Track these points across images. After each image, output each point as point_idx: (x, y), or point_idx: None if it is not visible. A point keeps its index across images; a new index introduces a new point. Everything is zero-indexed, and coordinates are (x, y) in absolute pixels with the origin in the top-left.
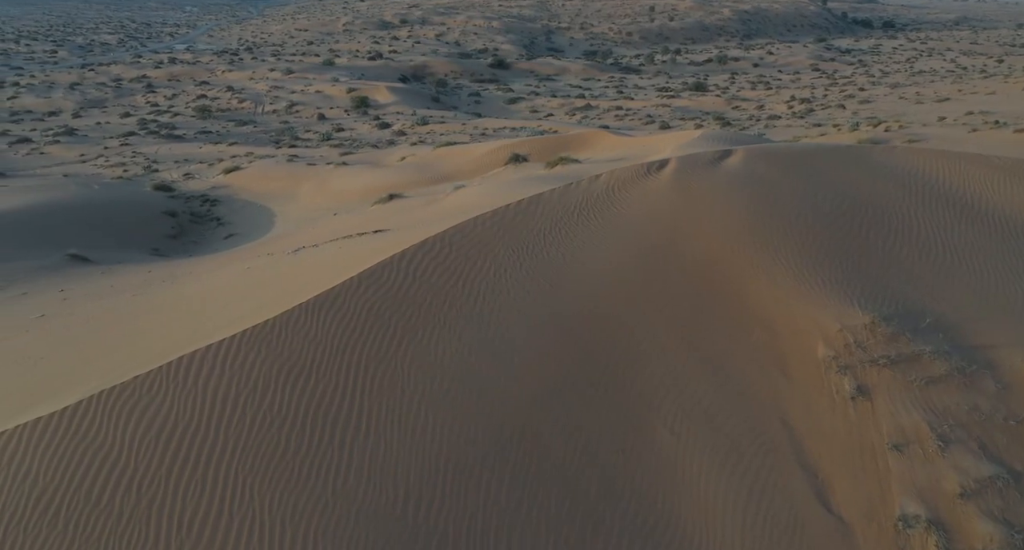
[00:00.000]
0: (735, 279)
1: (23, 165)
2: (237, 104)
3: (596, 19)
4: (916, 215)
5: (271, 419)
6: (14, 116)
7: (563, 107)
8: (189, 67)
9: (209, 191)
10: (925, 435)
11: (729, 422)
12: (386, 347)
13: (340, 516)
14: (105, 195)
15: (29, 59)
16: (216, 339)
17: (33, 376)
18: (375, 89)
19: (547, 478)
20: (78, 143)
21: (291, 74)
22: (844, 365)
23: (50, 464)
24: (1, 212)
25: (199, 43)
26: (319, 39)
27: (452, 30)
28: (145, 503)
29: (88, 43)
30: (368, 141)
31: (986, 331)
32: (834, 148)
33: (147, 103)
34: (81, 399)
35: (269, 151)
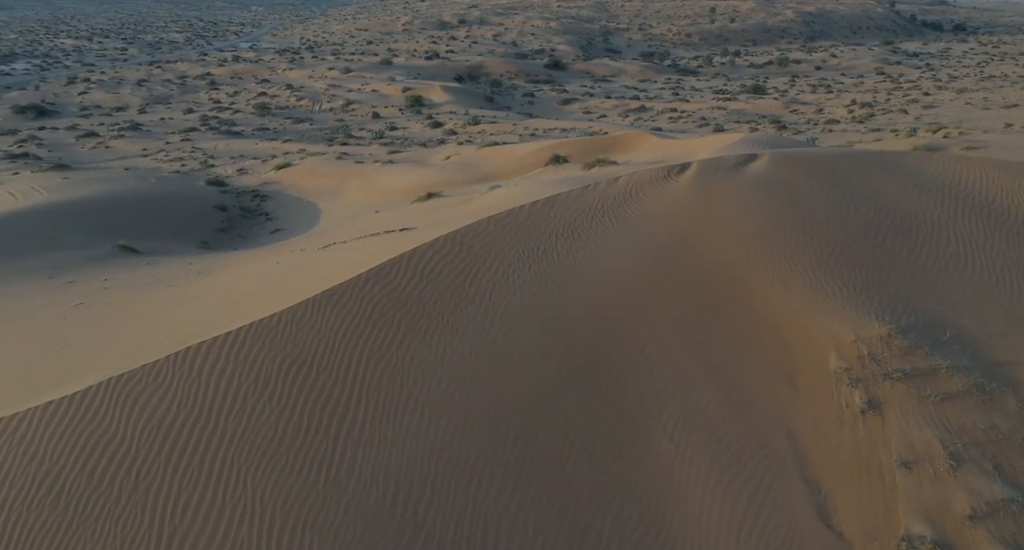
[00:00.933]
0: (748, 285)
1: (88, 158)
2: (296, 102)
3: (655, 20)
4: (948, 225)
5: (270, 411)
6: (84, 111)
7: (617, 108)
8: (251, 65)
9: (260, 187)
10: (937, 453)
11: (731, 431)
12: (388, 344)
13: (330, 509)
14: (160, 189)
15: (101, 56)
16: (223, 331)
17: (57, 361)
18: (430, 88)
19: (539, 480)
20: (142, 138)
21: (349, 73)
22: (856, 378)
23: (57, 446)
24: (61, 204)
25: (262, 42)
26: (378, 39)
27: (510, 30)
28: (143, 488)
29: (157, 41)
30: (419, 140)
31: (1011, 348)
32: (865, 154)
33: (210, 100)
34: (90, 385)
35: (321, 148)
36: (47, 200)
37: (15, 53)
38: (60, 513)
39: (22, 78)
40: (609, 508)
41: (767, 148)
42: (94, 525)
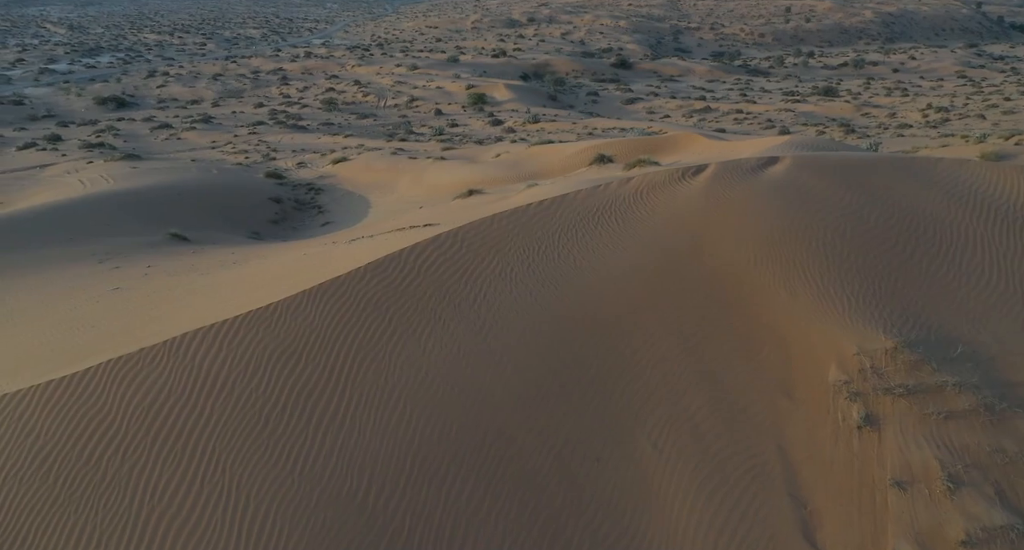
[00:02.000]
0: (752, 291)
1: (160, 149)
2: (362, 98)
3: (728, 19)
4: (977, 236)
5: (255, 399)
6: (161, 103)
7: (681, 109)
8: (322, 61)
9: (316, 180)
10: (934, 474)
11: (719, 441)
12: (378, 337)
13: (302, 499)
14: (220, 180)
15: (180, 50)
16: (220, 319)
17: (76, 342)
18: (493, 86)
19: (513, 483)
20: (212, 130)
21: (415, 70)
22: (855, 391)
23: (53, 423)
24: (122, 192)
25: (335, 38)
26: (447, 36)
27: (578, 29)
28: (128, 467)
29: (234, 37)
30: (478, 137)
31: None
32: (894, 160)
33: (280, 94)
34: (89, 367)
35: (379, 143)
36: (111, 188)
37: (101, 47)
38: (48, 488)
39: (106, 71)
40: (582, 514)
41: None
42: (79, 500)
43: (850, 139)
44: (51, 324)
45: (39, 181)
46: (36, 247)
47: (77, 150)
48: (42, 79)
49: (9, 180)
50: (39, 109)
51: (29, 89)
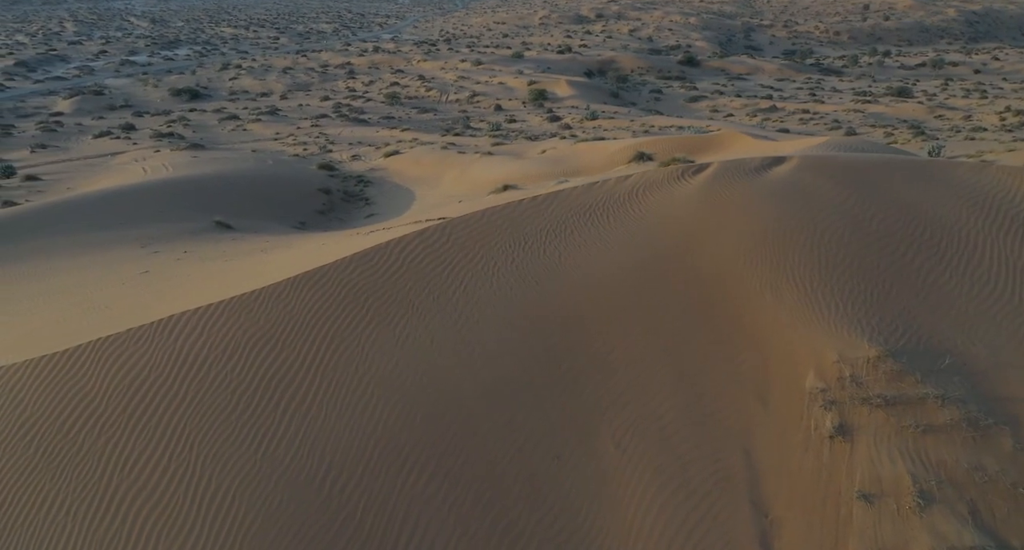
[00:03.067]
0: (738, 293)
1: (225, 139)
2: (424, 92)
3: (802, 17)
4: (985, 243)
5: (229, 381)
6: (232, 95)
7: (745, 108)
8: (389, 56)
9: (367, 172)
10: (905, 489)
11: (684, 444)
12: (355, 326)
13: (262, 479)
14: (273, 170)
15: (255, 44)
16: (206, 303)
17: (86, 321)
18: (555, 82)
19: (471, 474)
20: (277, 122)
21: (479, 65)
22: (831, 400)
23: (40, 396)
24: (178, 180)
25: (404, 33)
26: (514, 32)
27: (647, 26)
28: (103, 440)
29: (307, 31)
30: (534, 133)
31: (1019, 382)
32: (911, 162)
33: (346, 88)
34: (80, 344)
35: (434, 138)
36: (167, 176)
37: (180, 40)
38: (29, 456)
39: (183, 63)
40: (536, 510)
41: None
42: (55, 469)
43: (915, 142)
44: (73, 304)
45: (108, 168)
46: (87, 230)
47: (148, 139)
48: (122, 70)
49: (81, 167)
50: (117, 99)
51: (110, 80)
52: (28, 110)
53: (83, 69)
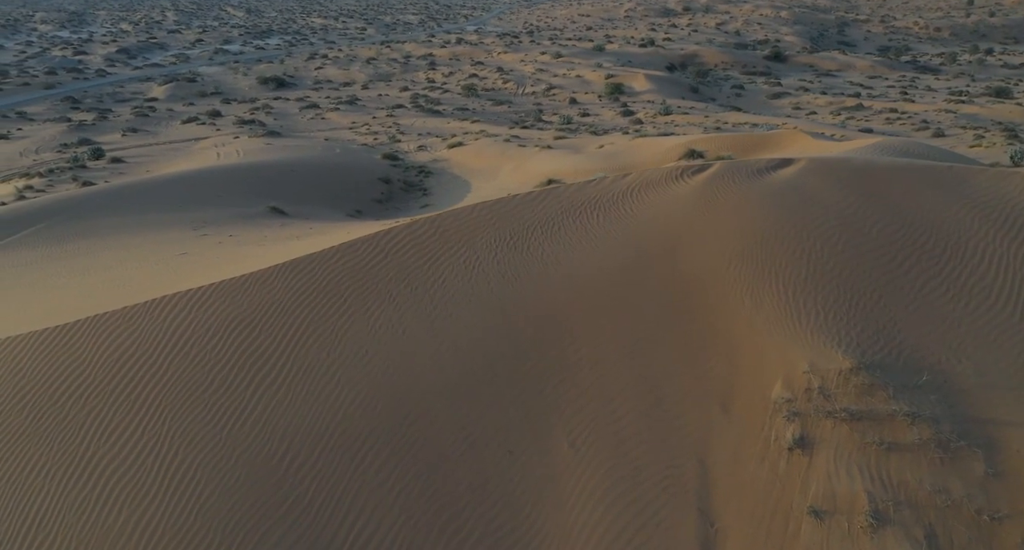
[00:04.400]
0: (717, 297)
1: (304, 127)
2: (501, 84)
3: (901, 12)
4: (993, 255)
5: (207, 360)
6: (316, 84)
7: (830, 106)
8: (471, 47)
9: (429, 163)
10: (859, 507)
11: (639, 447)
12: (331, 313)
13: (224, 456)
14: (339, 159)
15: (342, 35)
16: (197, 285)
17: (105, 298)
18: (633, 76)
19: (423, 464)
20: (354, 111)
21: (559, 58)
22: (795, 411)
23: (37, 366)
24: (245, 165)
25: (488, 25)
26: (599, 25)
27: (735, 19)
28: (87, 411)
29: (393, 22)
30: (605, 127)
31: (1007, 404)
32: (929, 167)
33: (426, 79)
34: (79, 319)
35: (501, 130)
36: (237, 162)
37: (272, 30)
38: (20, 421)
39: (272, 53)
40: (482, 503)
41: (900, 155)
42: (41, 435)
43: (1000, 146)
44: (104, 280)
45: (188, 153)
46: (148, 211)
47: (231, 126)
48: (216, 58)
49: (165, 150)
50: (208, 86)
51: (203, 67)
52: (126, 95)
53: (179, 57)
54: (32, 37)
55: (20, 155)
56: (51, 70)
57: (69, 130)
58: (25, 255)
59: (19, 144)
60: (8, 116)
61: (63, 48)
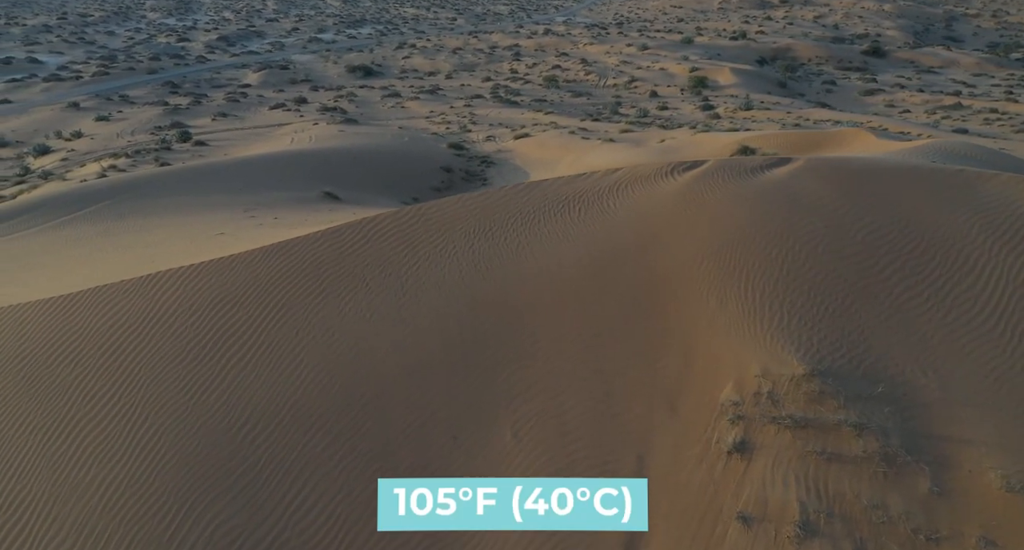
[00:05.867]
0: (682, 296)
1: (383, 116)
2: (583, 76)
3: (1015, 6)
4: (987, 266)
5: (187, 333)
6: (402, 73)
7: (926, 104)
8: (557, 38)
9: (493, 153)
10: (789, 516)
11: (580, 441)
12: (306, 295)
13: (188, 424)
14: (405, 147)
15: (433, 25)
16: (188, 263)
17: (127, 273)
18: (719, 70)
19: (370, 443)
20: (434, 101)
21: (645, 50)
22: (740, 415)
23: (39, 332)
24: (312, 151)
25: (578, 16)
26: (690, 17)
27: (834, 12)
28: (74, 376)
29: (484, 13)
30: (681, 121)
31: (963, 422)
32: (938, 173)
33: (509, 70)
34: (82, 289)
35: (571, 122)
36: (307, 147)
37: (365, 19)
38: (17, 382)
39: (364, 41)
40: None
41: (944, 159)
42: (34, 396)
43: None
44: (137, 255)
45: (268, 137)
46: (208, 192)
47: (314, 112)
48: (309, 47)
49: (247, 135)
50: (299, 74)
51: (296, 55)
52: (222, 81)
53: (275, 45)
54: (141, 24)
55: (117, 136)
56: (155, 56)
57: (164, 113)
58: (85, 229)
59: (118, 126)
60: (111, 99)
61: (168, 35)
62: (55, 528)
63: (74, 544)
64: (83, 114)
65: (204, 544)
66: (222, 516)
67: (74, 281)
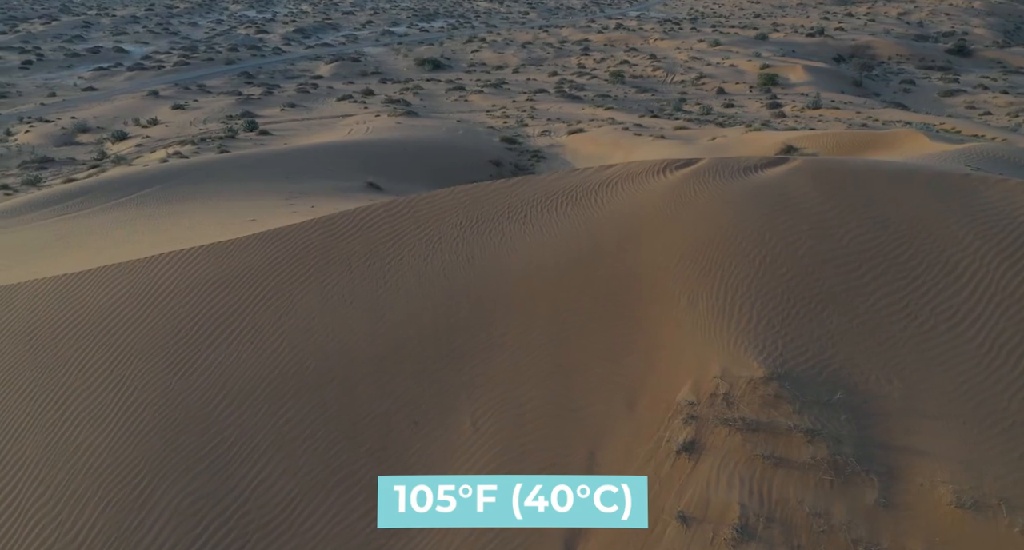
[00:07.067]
0: (655, 295)
1: (445, 108)
2: (651, 72)
3: None
4: (973, 275)
5: (180, 313)
6: (470, 67)
7: (1009, 107)
8: (628, 33)
9: (545, 148)
10: (729, 519)
11: (535, 434)
12: (293, 280)
13: (170, 399)
14: (458, 140)
15: (505, 18)
16: (179, 248)
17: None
18: (790, 67)
19: (334, 424)
20: (497, 94)
21: (717, 46)
22: (694, 415)
23: (49, 306)
24: (364, 142)
25: (651, 11)
26: (768, 12)
27: (920, 9)
28: (76, 347)
29: (556, 6)
30: (745, 119)
31: (923, 433)
32: (942, 177)
33: (576, 64)
34: (91, 268)
35: (629, 118)
36: (359, 138)
37: (438, 13)
38: (24, 352)
39: (435, 35)
40: (378, 465)
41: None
42: (36, 365)
43: None
44: (169, 239)
45: (330, 127)
46: (254, 180)
47: (378, 104)
48: (382, 40)
49: (311, 125)
50: (370, 66)
51: (368, 48)
52: (295, 72)
53: (349, 37)
54: (223, 16)
55: (190, 124)
56: (233, 47)
57: (237, 103)
58: (131, 212)
59: (192, 114)
60: (189, 88)
61: (247, 26)
62: (42, 489)
63: (57, 503)
64: (161, 102)
65: (171, 511)
66: (191, 486)
67: (101, 260)
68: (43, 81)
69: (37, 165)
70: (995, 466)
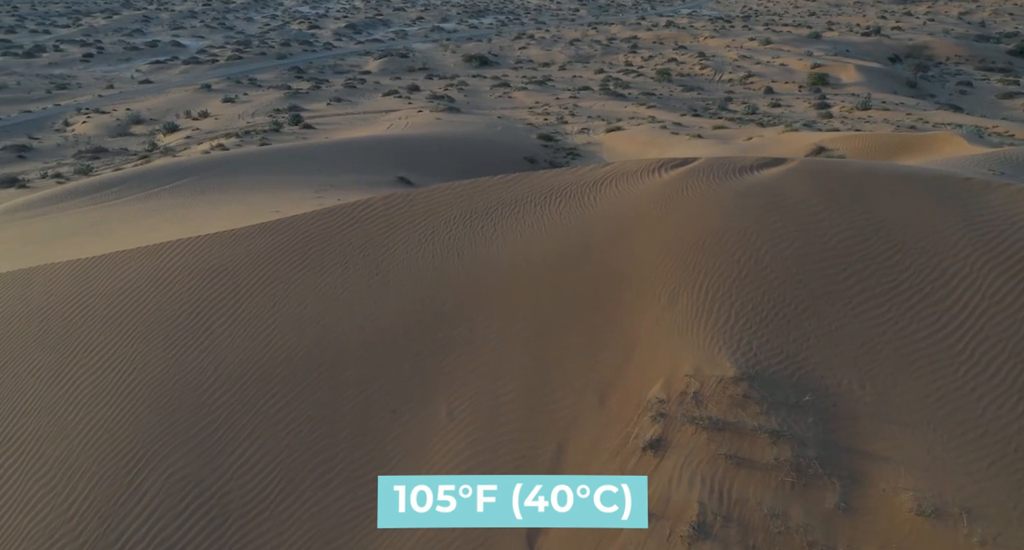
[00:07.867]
0: (637, 293)
1: (488, 105)
2: (699, 71)
3: None
4: (963, 282)
5: (182, 299)
6: (517, 63)
7: None
8: (677, 31)
9: (582, 146)
10: (687, 517)
11: (508, 425)
12: (290, 269)
13: (165, 379)
14: (495, 136)
15: (555, 15)
16: (195, 235)
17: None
18: (842, 67)
19: (317, 409)
20: (541, 91)
21: (768, 45)
22: (662, 413)
23: (63, 289)
24: (399, 138)
25: (703, 8)
26: (823, 10)
27: (982, 8)
28: (83, 329)
29: (607, 3)
30: (790, 119)
31: (890, 439)
32: (941, 180)
33: (624, 62)
34: (104, 253)
35: (671, 117)
36: (397, 133)
37: (488, 9)
38: (35, 332)
39: (484, 31)
40: (355, 450)
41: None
42: (46, 345)
43: None
44: (193, 229)
45: (372, 122)
46: (288, 173)
47: (423, 100)
48: (431, 36)
49: (354, 120)
50: (417, 62)
51: (417, 44)
52: (344, 68)
53: (399, 33)
54: (277, 11)
55: (239, 117)
56: (286, 42)
57: (285, 97)
58: (165, 201)
59: (241, 107)
60: (240, 82)
61: (300, 22)
62: (40, 462)
63: (53, 477)
64: (213, 95)
65: (157, 488)
66: (177, 465)
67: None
68: (102, 73)
69: (91, 155)
70: (961, 475)
